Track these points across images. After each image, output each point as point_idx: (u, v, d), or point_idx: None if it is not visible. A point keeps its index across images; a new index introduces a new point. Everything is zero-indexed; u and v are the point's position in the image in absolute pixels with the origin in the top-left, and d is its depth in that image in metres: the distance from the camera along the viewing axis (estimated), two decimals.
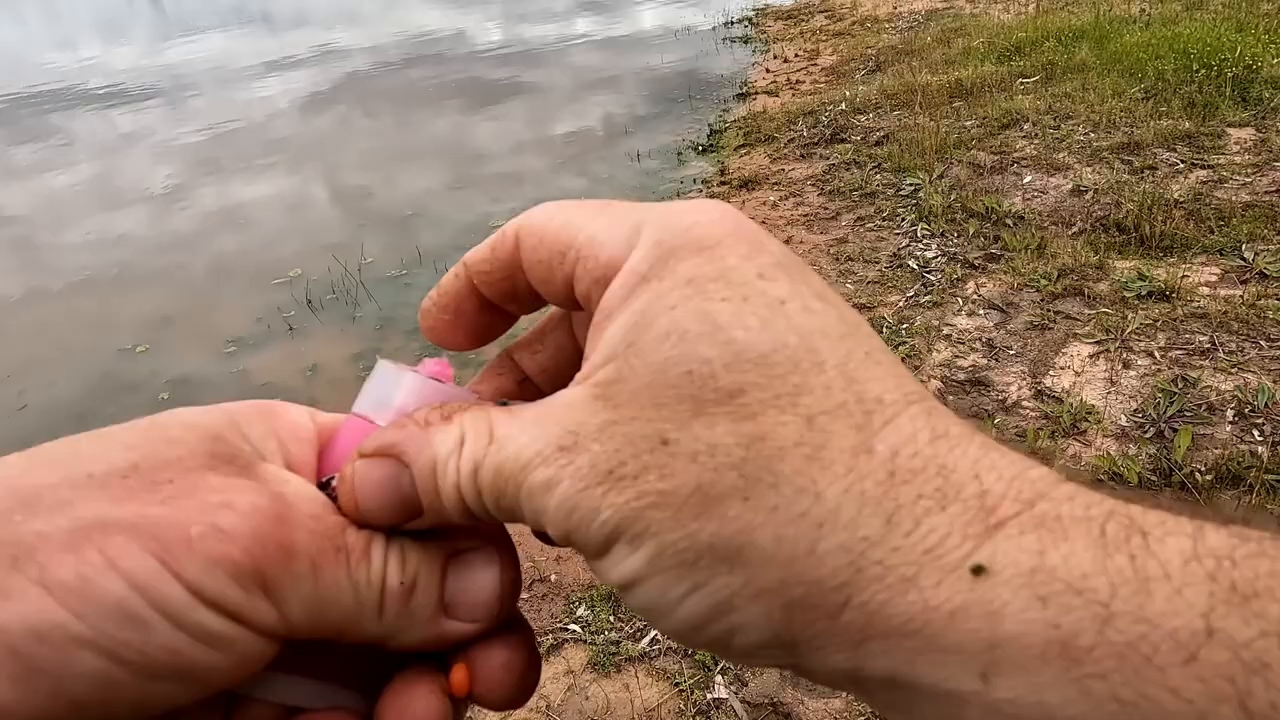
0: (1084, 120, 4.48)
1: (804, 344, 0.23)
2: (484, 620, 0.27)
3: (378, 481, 0.26)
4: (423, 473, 0.26)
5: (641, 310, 0.24)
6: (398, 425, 0.27)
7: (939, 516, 0.20)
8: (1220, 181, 3.59)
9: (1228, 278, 2.99)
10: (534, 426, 0.24)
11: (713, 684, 1.85)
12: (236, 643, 0.23)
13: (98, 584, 0.21)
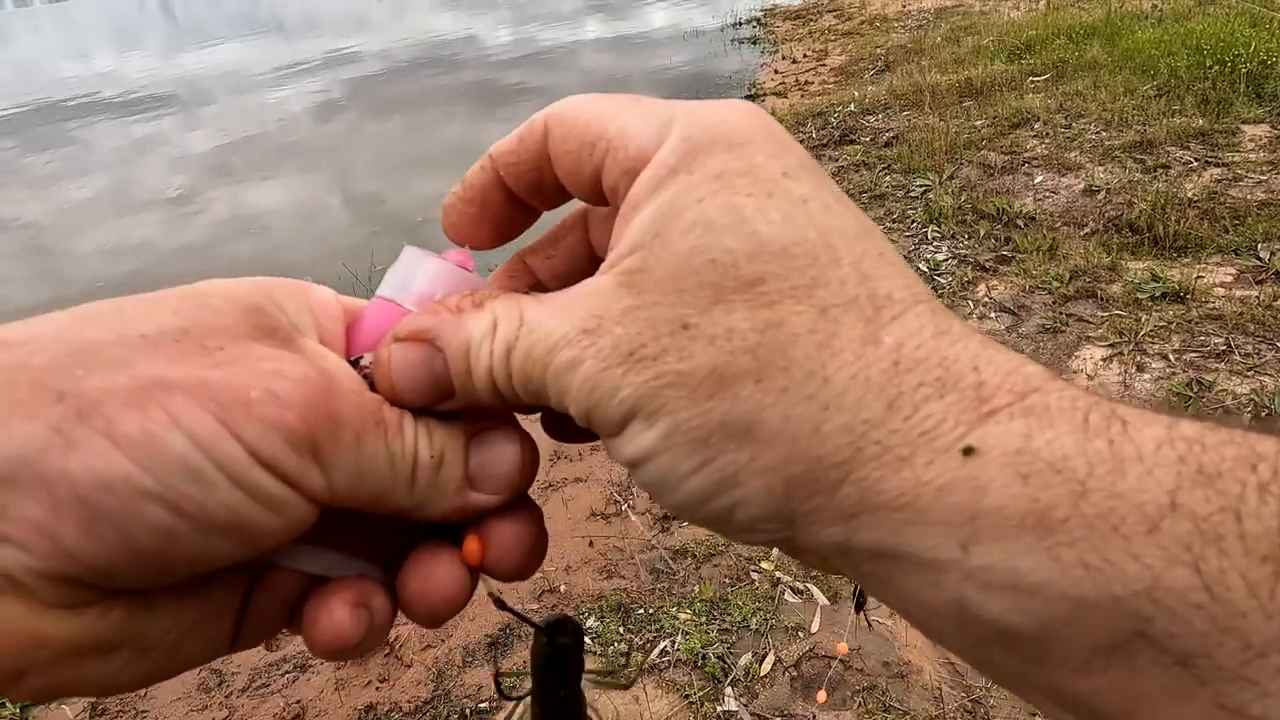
0: (1096, 119, 4.44)
1: (822, 240, 0.24)
2: (505, 492, 0.29)
3: (413, 364, 0.27)
4: (456, 356, 0.27)
5: (669, 202, 0.25)
6: (431, 311, 0.28)
7: (937, 403, 0.22)
8: (1235, 180, 3.55)
9: (1243, 278, 2.95)
10: (561, 311, 0.26)
11: (722, 696, 1.84)
12: (288, 506, 0.24)
13: (163, 440, 0.22)
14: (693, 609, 2.09)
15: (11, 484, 0.21)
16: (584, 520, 2.50)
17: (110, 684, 0.24)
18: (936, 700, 1.77)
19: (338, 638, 0.27)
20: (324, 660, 0.26)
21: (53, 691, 0.23)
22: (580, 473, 2.73)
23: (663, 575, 2.23)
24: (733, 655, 1.94)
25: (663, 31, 11.59)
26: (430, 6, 22.02)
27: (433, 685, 2.04)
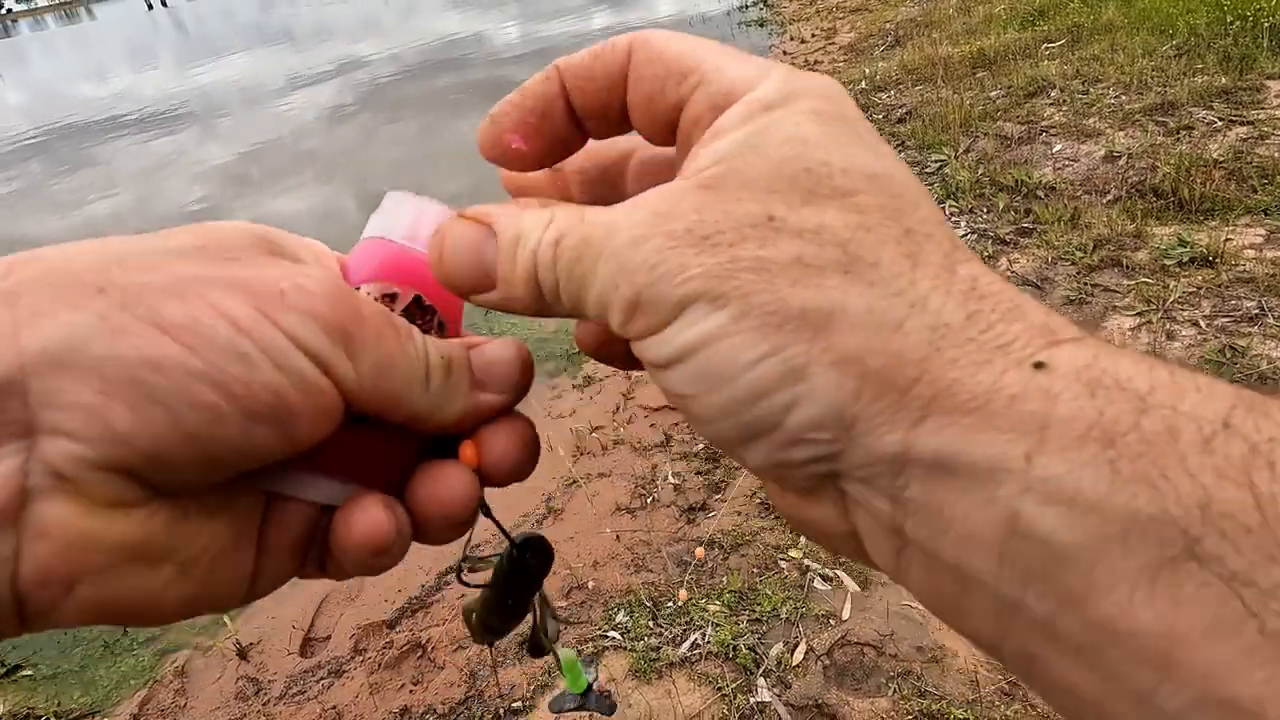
0: (1114, 83, 4.34)
1: (907, 181, 0.25)
2: (509, 391, 0.31)
3: (468, 242, 0.27)
4: (505, 242, 0.27)
5: (763, 125, 0.25)
6: (504, 206, 0.28)
7: (1010, 325, 0.22)
8: (1262, 138, 3.45)
9: (1274, 238, 2.87)
10: (626, 207, 0.25)
11: (755, 687, 1.83)
12: (324, 394, 0.25)
13: (206, 324, 0.23)
14: (722, 600, 2.08)
15: (63, 369, 0.21)
16: (610, 515, 2.50)
17: (156, 603, 0.25)
18: (973, 684, 1.74)
19: (376, 533, 0.28)
20: (356, 573, 0.30)
21: (103, 607, 0.23)
22: (604, 468, 2.73)
23: (690, 567, 2.22)
24: (764, 645, 1.93)
25: (669, 19, 11.51)
26: (438, 7, 22.06)
27: (466, 686, 2.05)
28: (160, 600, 0.25)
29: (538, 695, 1.96)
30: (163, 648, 2.53)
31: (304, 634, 2.42)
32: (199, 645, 2.50)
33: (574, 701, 0.49)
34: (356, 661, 2.25)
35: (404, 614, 2.37)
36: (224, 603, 0.28)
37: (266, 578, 0.29)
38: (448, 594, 2.39)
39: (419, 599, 2.40)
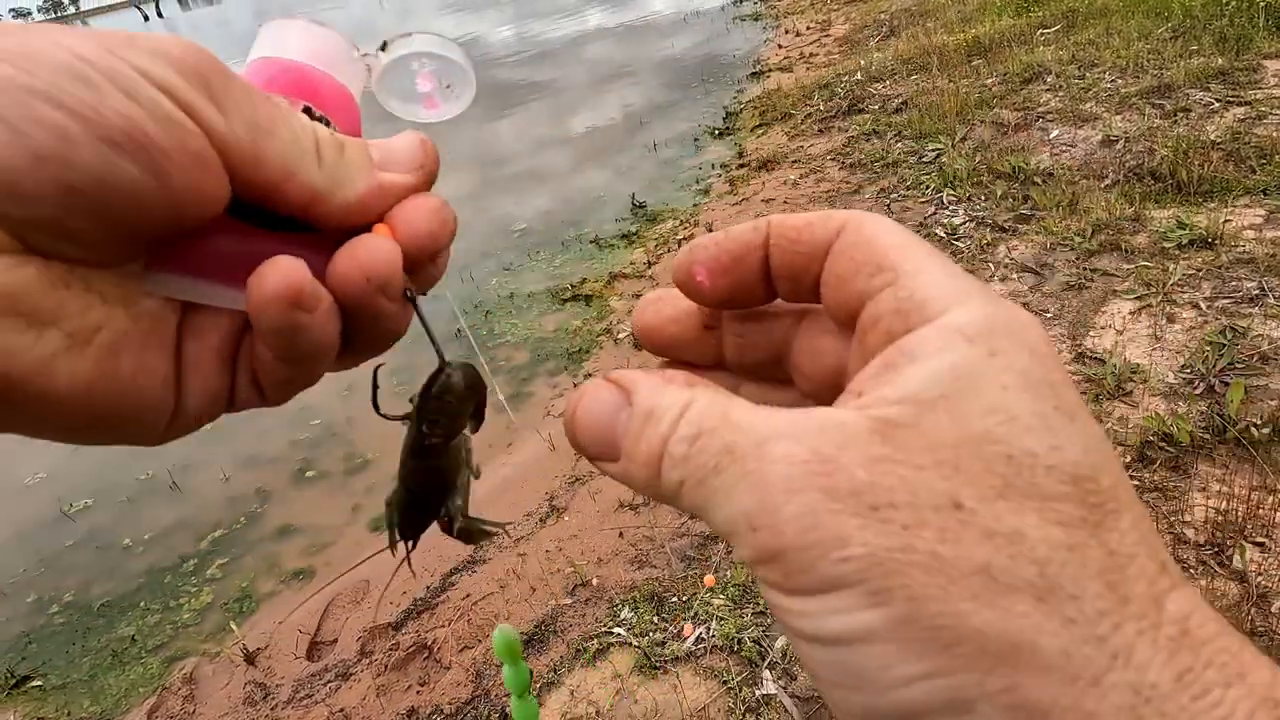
0: (1110, 67, 4.32)
1: (1113, 483, 0.21)
2: (413, 170, 0.29)
3: (603, 407, 0.25)
4: (638, 416, 0.24)
5: (966, 372, 0.21)
6: (646, 372, 0.26)
7: (1227, 691, 0.19)
8: (1259, 118, 3.43)
9: (1274, 219, 2.86)
10: (792, 425, 0.22)
11: (760, 680, 1.83)
12: (190, 134, 0.23)
13: (45, 52, 0.22)
14: (726, 594, 2.08)
15: None
16: (613, 512, 2.50)
17: (47, 374, 0.23)
18: None
19: (289, 277, 0.26)
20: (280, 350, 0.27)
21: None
22: None
23: (694, 562, 2.22)
24: (768, 638, 1.93)
25: (664, 16, 11.50)
26: (434, 9, 22.05)
27: (472, 685, 2.06)
28: (51, 372, 0.23)
29: (543, 693, 1.96)
30: (171, 655, 2.54)
31: (310, 638, 2.43)
32: (206, 652, 2.51)
33: None
34: (363, 664, 2.26)
35: (410, 616, 2.37)
36: (142, 404, 0.26)
37: (194, 392, 0.28)
38: (452, 595, 2.40)
39: (424, 600, 2.41)
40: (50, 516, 3.34)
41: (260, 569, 2.85)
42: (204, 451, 3.58)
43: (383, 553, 2.73)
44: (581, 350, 3.61)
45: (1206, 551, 1.81)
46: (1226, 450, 2.04)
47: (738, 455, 0.21)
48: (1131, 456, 2.10)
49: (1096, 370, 2.41)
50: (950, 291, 0.23)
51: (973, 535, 0.19)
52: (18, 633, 2.79)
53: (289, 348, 0.27)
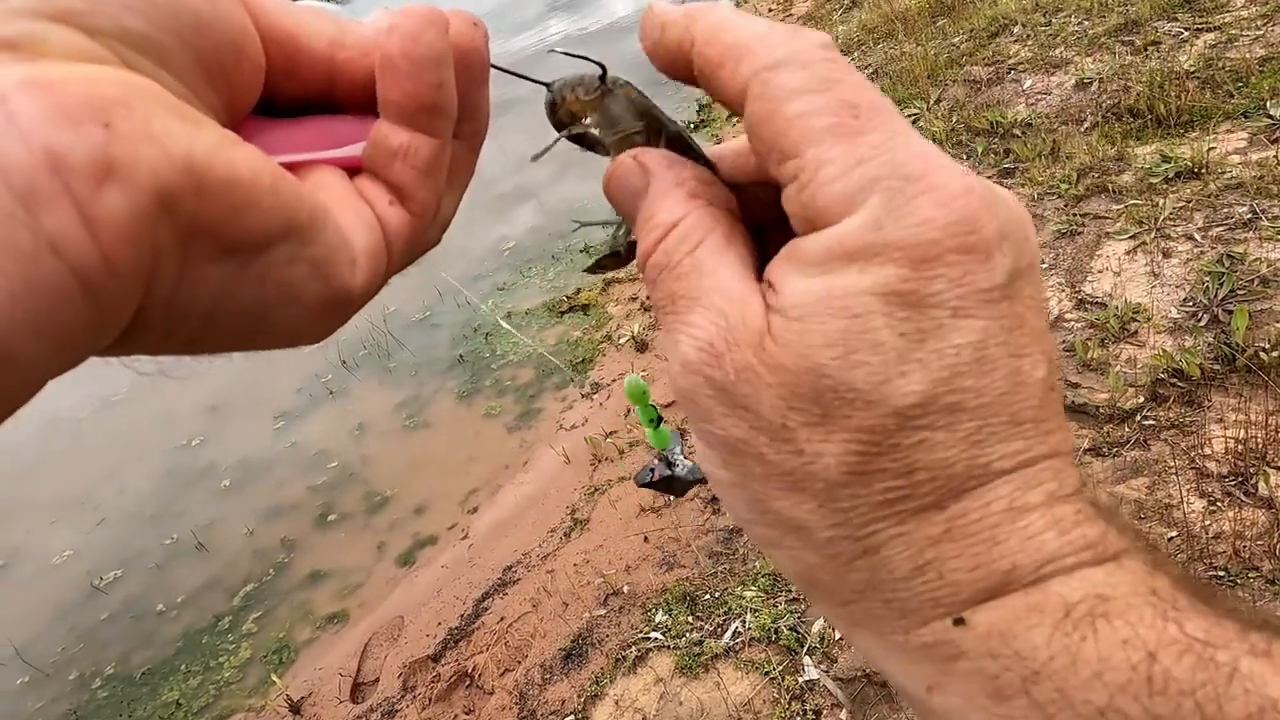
0: (1075, 9, 4.30)
1: (948, 406, 0.23)
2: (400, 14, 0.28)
3: (627, 185, 0.30)
4: (645, 210, 0.29)
5: (827, 292, 0.24)
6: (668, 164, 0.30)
7: (964, 574, 0.24)
8: (1230, 41, 3.41)
9: (1257, 140, 2.84)
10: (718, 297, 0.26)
11: (802, 666, 1.83)
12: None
13: None
14: (757, 585, 2.07)
15: None
16: (635, 518, 2.50)
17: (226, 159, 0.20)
18: None
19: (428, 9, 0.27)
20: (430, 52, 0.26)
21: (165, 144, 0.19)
22: (623, 471, 2.73)
23: (722, 557, 2.22)
24: (805, 624, 1.92)
25: (626, 19, 11.49)
26: None
27: (517, 709, 2.06)
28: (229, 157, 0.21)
29: (588, 706, 1.96)
30: (217, 715, 2.55)
31: (352, 680, 2.43)
32: (251, 706, 2.52)
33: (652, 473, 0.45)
34: (407, 700, 2.26)
35: (447, 646, 2.38)
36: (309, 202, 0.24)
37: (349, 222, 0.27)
38: (487, 620, 2.40)
39: (459, 629, 2.41)
40: (82, 592, 3.36)
41: (294, 618, 2.86)
42: (225, 509, 3.60)
43: (411, 588, 2.74)
44: (585, 360, 3.61)
45: (1231, 483, 1.80)
46: (1239, 379, 2.03)
47: (676, 308, 0.27)
48: (1144, 396, 2.09)
49: (1098, 315, 2.40)
50: (848, 192, 0.24)
51: (788, 449, 0.25)
52: (64, 711, 2.80)
53: (431, 89, 0.27)
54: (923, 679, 0.24)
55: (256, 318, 0.23)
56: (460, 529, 2.94)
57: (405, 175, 0.28)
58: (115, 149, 0.18)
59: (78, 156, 0.17)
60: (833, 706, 1.73)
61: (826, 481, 0.24)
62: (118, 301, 0.18)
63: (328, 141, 0.28)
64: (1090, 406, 2.13)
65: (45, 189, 0.17)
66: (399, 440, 3.62)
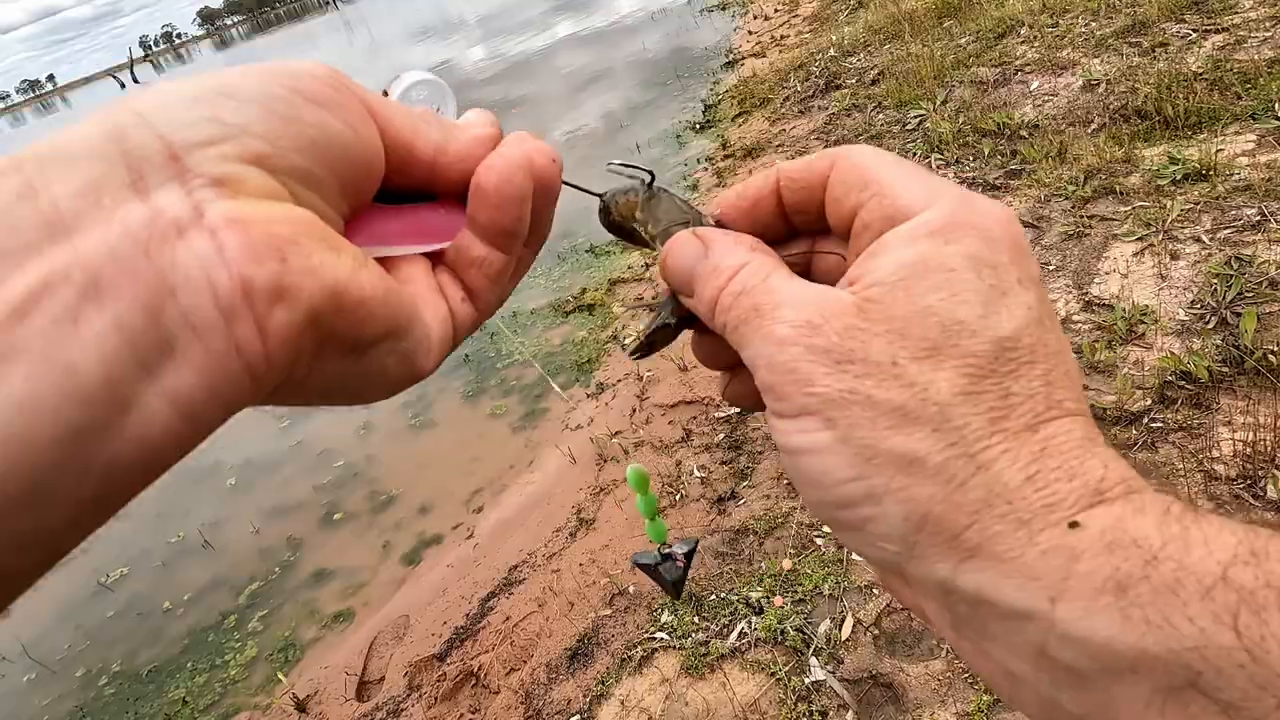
0: (1082, 11, 4.29)
1: (1029, 345, 0.28)
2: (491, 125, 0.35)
3: (689, 254, 0.34)
4: (708, 268, 0.33)
5: (922, 257, 0.29)
6: (724, 233, 0.35)
7: (1064, 485, 0.26)
8: (1239, 43, 3.40)
9: (1265, 142, 2.83)
10: (800, 295, 0.30)
11: (808, 667, 1.83)
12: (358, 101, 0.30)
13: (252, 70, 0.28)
14: (763, 585, 2.07)
15: (164, 106, 0.25)
16: (640, 518, 2.50)
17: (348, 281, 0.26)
18: None
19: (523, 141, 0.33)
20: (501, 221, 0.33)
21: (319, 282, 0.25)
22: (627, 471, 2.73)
23: (728, 558, 2.22)
24: (811, 625, 1.92)
25: (632, 17, 11.50)
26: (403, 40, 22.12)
27: (523, 708, 2.06)
28: (359, 280, 0.27)
29: (594, 706, 1.96)
30: (223, 713, 2.56)
31: (358, 679, 2.44)
32: (258, 705, 2.53)
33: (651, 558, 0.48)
34: (413, 699, 2.26)
35: (452, 645, 2.38)
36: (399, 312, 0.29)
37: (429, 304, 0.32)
38: (492, 620, 2.40)
39: (465, 628, 2.41)
40: (88, 590, 3.37)
41: (300, 616, 2.86)
42: (231, 508, 3.61)
43: (417, 587, 2.74)
44: (590, 360, 3.61)
45: (1239, 485, 1.80)
46: (1247, 381, 2.02)
47: (761, 313, 0.30)
48: (1152, 398, 2.08)
49: (1106, 317, 2.40)
50: (923, 196, 0.30)
51: (899, 384, 0.27)
52: (71, 708, 2.81)
53: (513, 220, 0.33)
54: (1045, 591, 0.25)
55: (352, 392, 0.30)
56: (465, 528, 2.95)
57: (478, 281, 0.34)
58: (286, 279, 0.24)
59: (261, 284, 0.23)
60: (839, 708, 1.73)
61: (939, 404, 0.27)
62: (268, 384, 0.25)
63: (420, 232, 0.33)
64: (1097, 408, 2.12)
65: (239, 307, 0.23)
66: (404, 440, 3.62)
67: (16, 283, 0.21)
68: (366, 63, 19.61)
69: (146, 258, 0.22)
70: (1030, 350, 0.28)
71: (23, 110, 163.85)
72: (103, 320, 0.21)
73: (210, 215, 0.23)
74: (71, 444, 0.20)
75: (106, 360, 0.21)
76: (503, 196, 0.32)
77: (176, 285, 0.22)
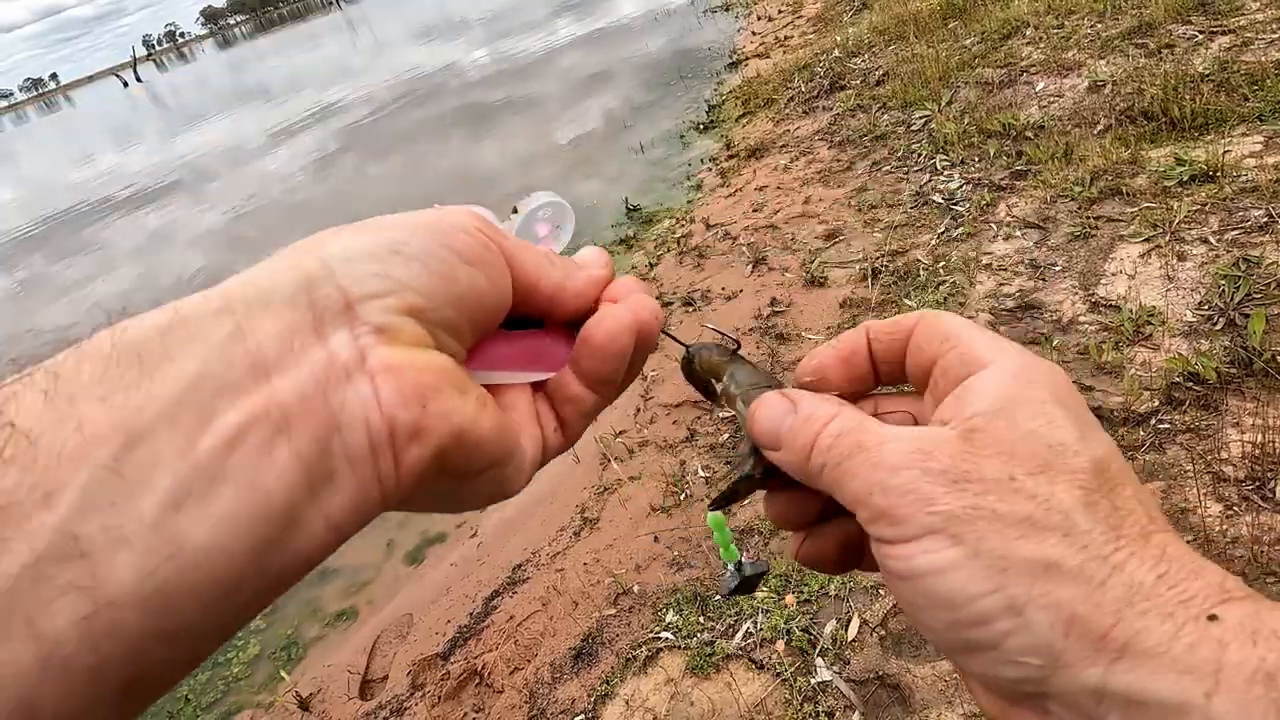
0: (1088, 12, 4.29)
1: (1120, 468, 0.31)
2: (605, 266, 0.39)
3: (776, 410, 0.36)
4: (801, 418, 0.35)
5: (1011, 394, 0.32)
6: (809, 393, 0.37)
7: (1192, 583, 0.27)
8: (1245, 45, 3.39)
9: (1273, 144, 2.82)
10: (903, 433, 0.32)
11: (814, 668, 1.82)
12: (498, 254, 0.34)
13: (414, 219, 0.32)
14: (769, 585, 2.07)
15: (347, 259, 0.29)
16: (645, 518, 2.50)
17: (472, 424, 0.31)
18: None
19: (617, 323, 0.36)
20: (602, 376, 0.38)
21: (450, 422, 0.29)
22: (633, 471, 2.73)
23: None
24: (817, 625, 1.92)
25: (635, 19, 11.50)
26: (405, 42, 22.13)
27: (527, 707, 2.06)
28: (479, 420, 0.31)
29: (599, 705, 1.95)
30: (226, 710, 2.55)
31: (361, 677, 2.43)
32: (261, 703, 2.52)
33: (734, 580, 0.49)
34: (416, 697, 2.26)
35: (456, 644, 2.37)
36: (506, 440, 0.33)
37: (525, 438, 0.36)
38: (496, 619, 2.40)
39: (468, 627, 2.41)
40: None
41: (303, 615, 2.86)
42: None
43: (419, 586, 2.74)
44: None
45: (1248, 487, 1.79)
46: (1255, 383, 2.02)
47: (866, 447, 0.32)
48: (1159, 400, 2.07)
49: (1112, 318, 2.39)
50: (995, 349, 0.34)
51: (1021, 497, 0.29)
52: None
53: (613, 372, 0.37)
54: (1199, 685, 0.25)
55: (450, 505, 0.34)
56: (469, 527, 2.94)
57: (571, 415, 0.38)
58: (424, 422, 0.28)
59: (403, 425, 0.28)
60: (845, 708, 1.72)
61: (1063, 512, 0.29)
62: (393, 503, 0.29)
63: (530, 359, 0.37)
64: (1105, 410, 2.12)
65: (384, 444, 0.27)
66: None
67: (229, 418, 0.25)
68: (367, 61, 19.62)
69: (324, 398, 0.26)
70: (1119, 473, 0.31)
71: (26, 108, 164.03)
72: (289, 452, 0.25)
73: (371, 360, 0.28)
74: (257, 555, 0.24)
75: (288, 487, 0.25)
76: (607, 352, 0.36)
77: (343, 423, 0.27)
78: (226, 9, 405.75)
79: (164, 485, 0.23)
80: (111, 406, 0.24)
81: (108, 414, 0.24)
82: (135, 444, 0.23)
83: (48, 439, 0.23)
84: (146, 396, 0.24)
